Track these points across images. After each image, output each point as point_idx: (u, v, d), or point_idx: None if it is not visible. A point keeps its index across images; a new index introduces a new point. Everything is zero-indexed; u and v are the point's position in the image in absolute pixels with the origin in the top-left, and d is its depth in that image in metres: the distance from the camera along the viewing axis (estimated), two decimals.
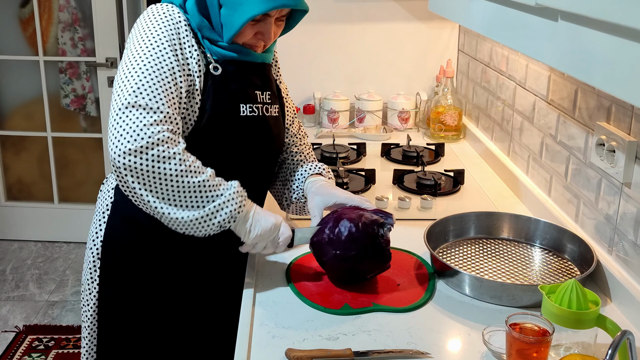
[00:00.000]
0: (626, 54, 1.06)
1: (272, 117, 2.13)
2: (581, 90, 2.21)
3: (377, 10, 3.63)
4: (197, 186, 1.83)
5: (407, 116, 3.60)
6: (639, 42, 1.03)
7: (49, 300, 4.64)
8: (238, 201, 1.88)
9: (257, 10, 1.87)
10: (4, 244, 5.42)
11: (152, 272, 2.13)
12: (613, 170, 1.97)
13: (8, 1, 5.07)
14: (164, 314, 2.16)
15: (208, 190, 1.84)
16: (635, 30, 1.03)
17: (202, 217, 1.85)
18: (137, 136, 1.76)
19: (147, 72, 1.84)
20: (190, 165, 1.82)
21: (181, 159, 1.80)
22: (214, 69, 1.98)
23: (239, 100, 2.03)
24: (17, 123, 5.33)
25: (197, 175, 1.83)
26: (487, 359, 1.70)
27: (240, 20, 1.90)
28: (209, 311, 2.21)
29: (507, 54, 2.89)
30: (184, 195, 1.83)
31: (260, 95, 2.10)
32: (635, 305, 1.83)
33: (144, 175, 1.80)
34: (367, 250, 1.94)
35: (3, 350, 4.06)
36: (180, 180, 1.80)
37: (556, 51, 1.36)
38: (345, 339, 1.77)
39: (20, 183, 5.48)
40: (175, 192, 1.82)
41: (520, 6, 1.54)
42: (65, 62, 5.18)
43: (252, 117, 2.06)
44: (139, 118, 1.78)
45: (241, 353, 1.71)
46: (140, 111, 1.79)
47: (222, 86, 2.00)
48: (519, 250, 2.24)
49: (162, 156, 1.78)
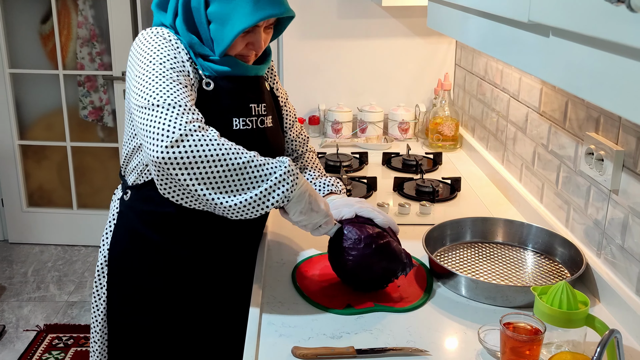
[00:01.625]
0: (613, 67, 1.07)
1: (268, 129, 2.10)
2: (571, 102, 2.21)
3: (379, 27, 3.63)
4: (244, 166, 1.76)
5: (406, 127, 3.60)
6: (625, 57, 1.03)
7: (69, 300, 4.64)
8: (290, 180, 1.79)
9: (246, 24, 1.86)
10: (26, 247, 5.43)
11: (156, 279, 2.11)
12: (601, 178, 1.98)
13: (29, 18, 5.09)
14: (172, 317, 2.14)
15: (257, 170, 1.77)
16: (621, 45, 1.03)
17: (255, 200, 1.77)
18: (169, 132, 1.72)
19: (160, 76, 1.82)
20: (231, 147, 1.76)
21: (219, 142, 1.74)
22: (206, 85, 1.95)
23: (231, 115, 1.99)
24: (38, 133, 5.34)
25: (240, 156, 1.75)
26: (483, 356, 1.70)
27: (231, 34, 1.88)
28: (218, 311, 2.19)
29: (502, 68, 2.89)
30: (232, 178, 1.76)
31: (255, 108, 2.06)
32: (623, 305, 1.83)
33: (187, 164, 1.73)
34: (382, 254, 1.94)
35: (25, 348, 4.06)
36: (225, 162, 1.74)
37: (547, 65, 1.36)
38: (348, 337, 1.78)
39: (41, 190, 5.49)
40: (222, 176, 1.75)
41: (513, 23, 1.55)
42: (83, 76, 5.20)
43: (246, 130, 2.02)
44: (166, 115, 1.75)
45: (250, 351, 1.72)
46: (165, 108, 1.76)
47: (214, 101, 1.96)
48: (513, 253, 2.24)
49: (200, 142, 1.73)
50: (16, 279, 4.92)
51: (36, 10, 5.08)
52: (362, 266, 1.91)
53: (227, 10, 1.87)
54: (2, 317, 4.43)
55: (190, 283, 2.12)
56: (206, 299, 2.15)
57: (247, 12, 1.85)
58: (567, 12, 1.19)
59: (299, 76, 3.69)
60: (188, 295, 2.13)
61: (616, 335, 1.46)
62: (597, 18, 1.06)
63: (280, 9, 1.90)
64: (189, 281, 2.11)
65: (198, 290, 2.13)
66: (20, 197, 5.39)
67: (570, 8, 1.17)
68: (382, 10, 3.60)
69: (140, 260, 2.10)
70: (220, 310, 2.20)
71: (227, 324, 2.21)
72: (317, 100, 3.74)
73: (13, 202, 5.41)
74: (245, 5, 1.85)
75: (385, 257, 1.92)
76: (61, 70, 5.12)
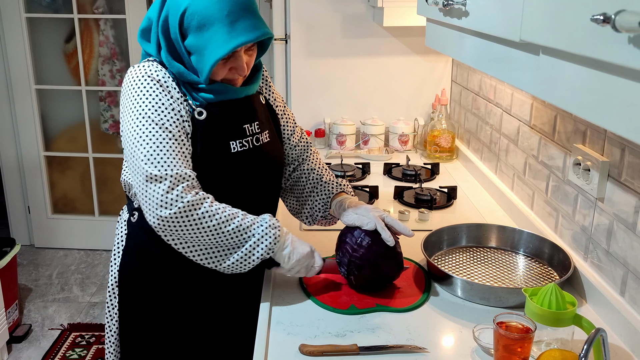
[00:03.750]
0: (599, 84, 1.07)
1: (264, 144, 2.04)
2: (560, 116, 2.22)
3: (380, 46, 3.64)
4: (232, 233, 1.80)
5: (406, 139, 3.61)
6: (610, 74, 1.03)
7: (91, 301, 4.64)
8: (272, 234, 1.83)
9: (222, 52, 1.78)
10: (51, 252, 5.44)
11: (169, 295, 2.05)
12: (588, 187, 1.98)
13: (54, 38, 5.11)
14: (185, 331, 2.09)
15: (243, 232, 1.82)
16: (607, 63, 1.04)
17: (242, 257, 1.84)
18: (162, 207, 1.75)
19: (152, 140, 1.78)
20: (220, 217, 1.79)
21: (210, 216, 1.77)
22: (198, 114, 1.88)
23: (228, 139, 1.93)
24: (62, 145, 5.35)
25: (228, 224, 1.79)
26: (477, 353, 1.70)
27: (208, 64, 1.80)
28: (229, 319, 2.14)
29: (495, 84, 2.89)
30: (221, 245, 1.83)
31: (248, 128, 1.99)
32: (608, 306, 1.83)
33: (182, 238, 1.81)
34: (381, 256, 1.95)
35: (50, 346, 4.07)
36: (214, 235, 1.79)
37: (538, 82, 1.36)
38: (351, 335, 1.78)
39: (65, 198, 5.49)
40: (212, 245, 1.83)
41: (506, 42, 1.55)
42: (104, 92, 5.21)
43: (243, 151, 1.96)
44: (159, 189, 1.75)
45: (260, 347, 1.72)
46: (158, 182, 1.75)
47: (209, 129, 1.90)
48: (505, 257, 2.24)
49: (192, 219, 1.76)
50: (42, 281, 4.93)
51: (60, 31, 5.10)
52: (370, 264, 1.94)
53: (202, 41, 1.79)
54: (28, 316, 4.44)
55: (202, 296, 2.07)
56: (217, 305, 2.10)
57: (222, 41, 1.77)
58: (556, 32, 1.19)
59: (306, 92, 3.70)
60: (200, 307, 2.08)
61: (602, 334, 1.46)
62: (584, 37, 1.06)
63: (255, 33, 1.81)
64: (201, 294, 2.06)
65: (210, 300, 2.08)
66: (45, 205, 5.41)
67: (559, 28, 1.17)
68: (383, 30, 3.60)
69: (151, 278, 2.05)
70: (230, 318, 2.15)
71: (237, 329, 2.18)
72: (322, 114, 3.74)
73: (39, 209, 5.43)
74: (220, 34, 1.77)
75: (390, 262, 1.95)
76: (84, 86, 5.15)
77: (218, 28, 1.77)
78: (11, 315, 4.08)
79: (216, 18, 1.76)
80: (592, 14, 0.94)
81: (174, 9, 1.81)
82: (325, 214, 2.18)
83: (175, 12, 1.80)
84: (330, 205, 2.16)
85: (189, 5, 1.77)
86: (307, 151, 2.29)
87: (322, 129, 3.69)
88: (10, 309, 4.06)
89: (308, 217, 2.22)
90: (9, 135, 5.23)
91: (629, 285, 1.78)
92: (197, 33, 1.79)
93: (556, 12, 1.19)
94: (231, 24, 1.77)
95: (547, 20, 1.24)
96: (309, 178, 2.23)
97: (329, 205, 2.17)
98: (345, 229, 2.05)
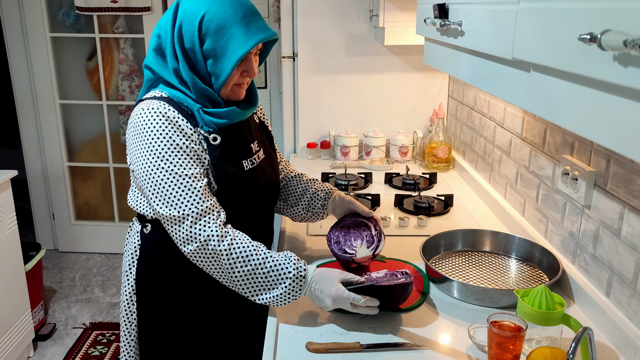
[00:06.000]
0: (585, 98, 1.07)
1: (262, 161, 2.06)
2: (549, 129, 2.22)
3: (382, 63, 3.64)
4: (258, 269, 1.80)
5: (406, 150, 3.61)
6: (596, 89, 1.03)
7: (111, 301, 4.64)
8: (301, 278, 1.81)
9: (243, 50, 1.78)
10: (74, 255, 5.44)
11: (186, 301, 2.04)
12: (576, 195, 1.98)
13: (77, 56, 5.13)
14: (199, 330, 2.08)
15: (270, 273, 1.80)
16: (592, 79, 1.04)
17: (274, 299, 1.81)
18: (186, 243, 1.79)
19: (167, 184, 1.78)
20: (243, 251, 1.79)
21: (233, 249, 1.79)
22: (213, 140, 1.87)
23: (240, 159, 1.96)
24: (84, 156, 5.36)
25: (252, 259, 1.80)
26: (472, 350, 1.70)
27: (230, 64, 1.80)
28: (240, 315, 2.13)
29: (489, 99, 2.89)
30: (250, 280, 1.81)
31: (254, 147, 2.02)
32: (594, 306, 1.83)
33: (210, 267, 1.82)
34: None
35: (73, 343, 4.07)
36: (240, 268, 1.79)
37: (529, 97, 1.36)
38: (355, 334, 1.78)
39: (87, 205, 5.50)
40: (241, 277, 1.80)
41: (499, 60, 1.55)
42: (124, 106, 5.22)
43: (253, 168, 1.99)
44: (182, 227, 1.78)
45: (269, 345, 1.72)
46: (180, 222, 1.78)
47: (225, 152, 1.90)
48: (498, 261, 2.24)
49: (218, 250, 1.78)
50: (65, 283, 4.93)
51: (83, 49, 5.12)
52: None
53: (222, 42, 1.79)
54: (53, 316, 4.44)
55: (216, 300, 2.05)
56: (230, 308, 2.09)
57: (242, 40, 1.78)
58: (545, 50, 1.19)
59: (312, 106, 3.70)
60: (214, 310, 2.07)
61: (589, 332, 1.46)
62: (572, 56, 1.06)
63: (269, 32, 1.83)
64: (214, 299, 2.05)
65: (223, 304, 2.06)
66: (69, 212, 5.42)
67: (548, 47, 1.18)
68: (384, 49, 3.61)
69: (167, 286, 2.04)
70: (242, 318, 2.14)
71: (248, 329, 2.17)
72: (327, 127, 3.75)
73: (63, 216, 5.44)
74: (239, 34, 1.78)
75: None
76: (105, 101, 5.16)
77: (236, 29, 1.78)
78: (37, 315, 4.09)
79: (233, 20, 1.78)
80: (580, 34, 0.94)
81: (189, 17, 1.80)
82: (321, 212, 2.28)
83: (192, 20, 1.80)
84: (327, 204, 2.26)
85: (207, 11, 1.78)
86: (285, 162, 2.38)
87: (327, 140, 3.69)
88: (36, 309, 4.06)
89: (304, 216, 2.31)
90: (35, 146, 5.25)
91: (614, 287, 1.78)
92: (217, 36, 1.79)
93: (546, 32, 1.19)
94: (247, 24, 1.79)
95: (537, 39, 1.24)
96: (298, 183, 2.31)
97: (325, 205, 2.26)
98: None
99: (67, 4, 4.94)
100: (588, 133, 1.07)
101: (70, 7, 4.93)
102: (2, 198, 3.47)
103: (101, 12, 4.83)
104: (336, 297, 1.78)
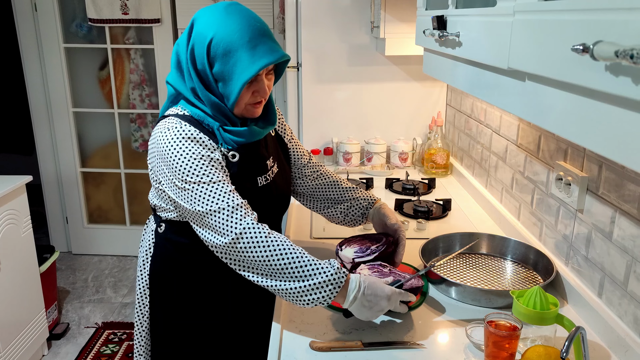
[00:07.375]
0: (579, 107, 1.07)
1: (276, 175, 2.05)
2: (544, 136, 2.22)
3: (382, 73, 3.64)
4: (294, 260, 1.69)
5: (405, 156, 3.61)
6: (589, 98, 1.03)
7: (122, 302, 4.65)
8: (339, 277, 1.70)
9: (248, 75, 1.75)
10: (87, 257, 5.45)
11: (194, 298, 2.04)
12: (569, 199, 1.98)
13: (89, 66, 5.14)
14: (209, 327, 2.08)
15: (306, 265, 1.69)
16: (585, 88, 1.04)
17: (303, 291, 1.69)
18: (226, 233, 1.71)
19: (204, 188, 1.75)
20: (279, 242, 1.71)
21: (270, 239, 1.70)
22: (232, 157, 1.86)
23: (255, 175, 1.94)
24: (97, 162, 5.37)
25: (289, 251, 1.70)
26: (469, 349, 1.70)
27: (237, 87, 1.77)
28: (248, 314, 2.13)
29: (485, 107, 2.90)
30: (283, 269, 1.69)
31: (269, 163, 2.01)
32: (587, 306, 1.83)
33: (242, 260, 1.72)
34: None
35: (86, 342, 4.07)
36: (275, 257, 1.69)
37: (524, 105, 1.36)
38: (357, 333, 1.78)
39: (100, 209, 5.51)
40: (274, 267, 1.69)
41: (495, 69, 1.55)
42: (135, 114, 5.23)
43: (267, 184, 1.98)
44: (218, 219, 1.72)
45: (274, 343, 1.72)
46: (215, 214, 1.72)
47: (243, 169, 1.89)
48: (495, 262, 2.23)
49: (254, 240, 1.69)
50: (78, 284, 4.94)
51: (95, 60, 5.13)
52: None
53: (228, 66, 1.76)
54: (66, 316, 4.44)
55: (225, 299, 2.05)
56: (238, 308, 2.09)
57: (247, 64, 1.75)
58: (540, 61, 1.19)
59: (315, 114, 3.70)
60: (223, 309, 2.07)
61: (581, 332, 1.46)
62: (566, 65, 1.06)
63: (275, 55, 1.78)
64: (224, 298, 2.05)
65: (232, 302, 2.07)
66: (82, 216, 5.42)
67: (543, 57, 1.18)
68: (385, 59, 3.61)
69: (179, 283, 2.03)
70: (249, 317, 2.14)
71: (255, 327, 2.16)
72: (330, 134, 3.75)
73: (76, 219, 5.44)
74: (244, 59, 1.75)
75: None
76: (116, 109, 5.18)
77: (242, 53, 1.75)
78: (51, 314, 4.09)
79: (239, 45, 1.75)
80: (573, 44, 0.95)
81: (199, 40, 1.79)
82: (362, 219, 2.28)
83: (202, 43, 1.78)
84: (368, 214, 2.27)
85: (215, 36, 1.76)
86: (320, 166, 2.32)
87: (330, 147, 3.69)
88: (50, 309, 4.07)
89: (335, 218, 2.30)
90: (49, 153, 5.26)
91: (605, 288, 1.78)
92: (223, 60, 1.77)
93: (540, 43, 1.19)
94: (253, 48, 1.75)
95: (532, 50, 1.24)
96: (334, 190, 2.28)
97: (366, 214, 2.27)
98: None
99: (80, 15, 4.95)
100: (581, 140, 1.07)
101: (83, 19, 4.94)
102: (17, 202, 3.48)
103: (113, 23, 4.84)
104: (391, 295, 1.74)
